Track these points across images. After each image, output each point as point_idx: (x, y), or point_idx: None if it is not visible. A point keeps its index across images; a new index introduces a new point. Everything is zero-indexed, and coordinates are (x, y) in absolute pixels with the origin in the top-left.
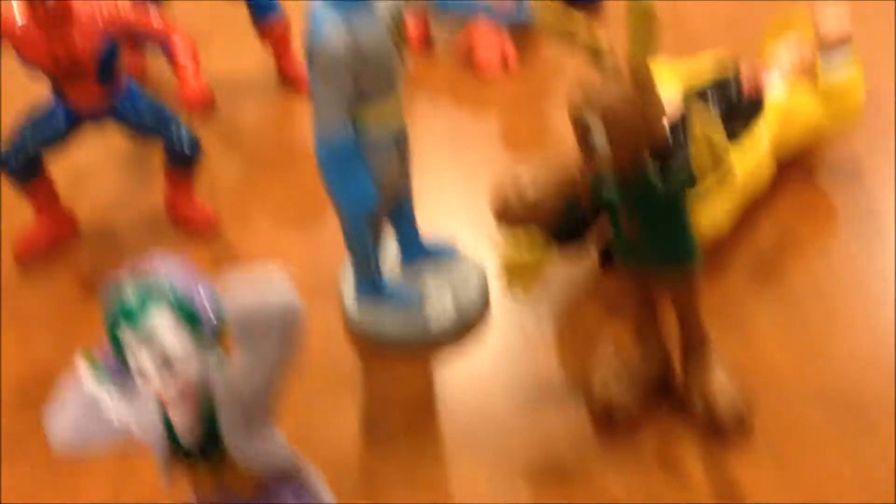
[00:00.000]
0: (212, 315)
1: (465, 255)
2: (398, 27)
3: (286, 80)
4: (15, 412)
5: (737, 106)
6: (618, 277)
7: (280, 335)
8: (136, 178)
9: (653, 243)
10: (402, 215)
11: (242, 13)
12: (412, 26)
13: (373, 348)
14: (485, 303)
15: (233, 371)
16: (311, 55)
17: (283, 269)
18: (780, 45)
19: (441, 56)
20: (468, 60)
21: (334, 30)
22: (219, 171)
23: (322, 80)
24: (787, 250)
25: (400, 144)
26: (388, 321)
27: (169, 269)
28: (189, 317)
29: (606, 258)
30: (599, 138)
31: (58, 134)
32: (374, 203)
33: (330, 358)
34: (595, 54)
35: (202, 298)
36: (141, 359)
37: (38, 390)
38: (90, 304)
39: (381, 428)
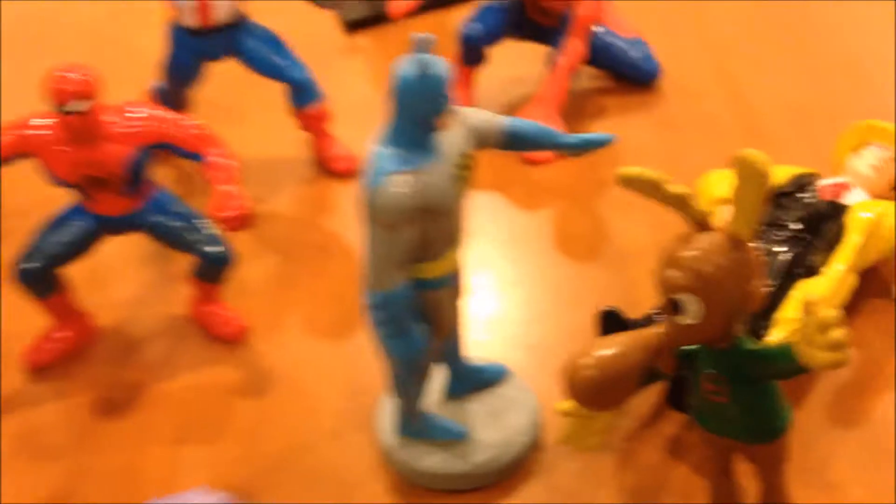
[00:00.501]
0: None
1: (517, 380)
2: (467, 172)
3: (322, 163)
4: None
5: (815, 213)
6: (680, 416)
7: None
8: (158, 276)
9: (740, 411)
10: (449, 347)
11: (276, 88)
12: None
13: (411, 488)
14: (536, 437)
15: None
16: (368, 202)
17: (316, 390)
18: (859, 158)
19: None
20: None
21: (397, 178)
22: (248, 267)
23: (380, 231)
24: (871, 380)
25: (454, 282)
26: (428, 457)
27: None
28: None
29: (673, 396)
30: (692, 305)
31: (79, 245)
32: (425, 353)
33: (364, 495)
34: (683, 206)
35: None
36: None
37: None
38: (107, 423)
39: None
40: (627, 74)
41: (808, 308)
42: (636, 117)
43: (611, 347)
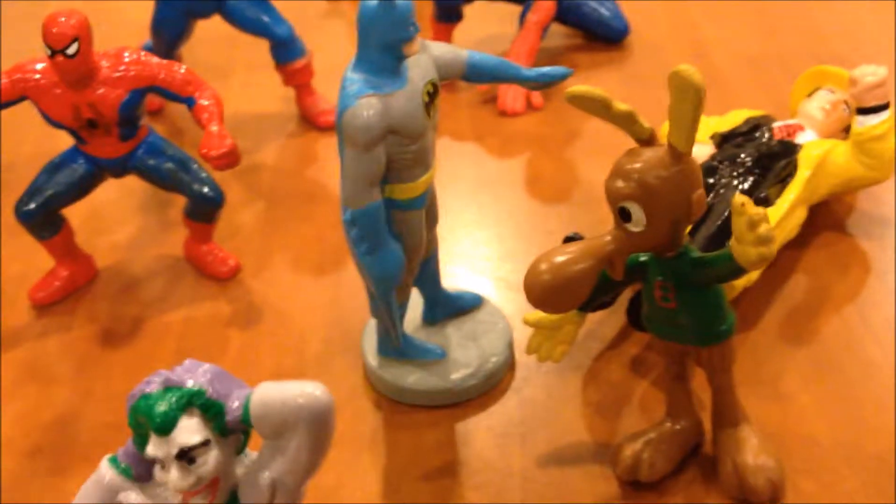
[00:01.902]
0: (238, 415)
1: (490, 306)
2: (433, 100)
3: (307, 117)
4: (28, 460)
5: (768, 151)
6: (643, 335)
7: (308, 431)
8: (155, 221)
9: (689, 316)
10: (426, 272)
11: (260, 46)
12: None
13: (394, 404)
14: (509, 357)
15: (259, 465)
16: (341, 125)
17: (303, 321)
18: (810, 101)
19: (462, 90)
20: (491, 99)
21: (367, 101)
22: (239, 212)
23: (352, 151)
24: (819, 304)
25: (428, 205)
26: (410, 377)
27: (199, 376)
28: (215, 418)
29: (633, 316)
30: (637, 213)
31: (77, 187)
32: (403, 271)
33: (351, 414)
34: (630, 123)
35: (231, 399)
36: (163, 455)
37: (57, 437)
38: (108, 351)
39: (402, 486)
40: (597, 32)
41: (737, 209)
42: (605, 72)
43: (565, 254)
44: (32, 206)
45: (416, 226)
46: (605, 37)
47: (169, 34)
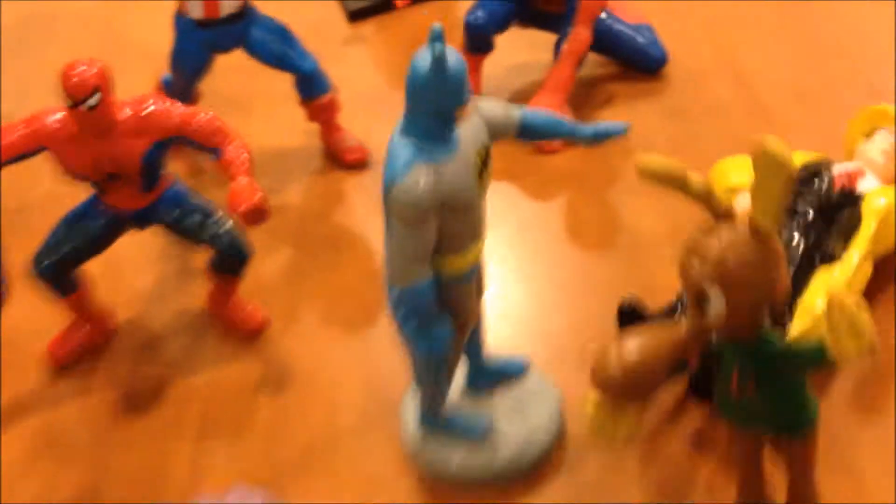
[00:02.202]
0: None
1: (537, 372)
2: (485, 166)
3: (333, 154)
4: None
5: (829, 202)
6: (705, 407)
7: None
8: (176, 270)
9: (767, 404)
10: (470, 340)
11: (282, 76)
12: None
13: (434, 483)
14: (559, 429)
15: None
16: (389, 198)
17: (336, 386)
18: (870, 144)
19: None
20: None
21: (419, 172)
22: (263, 259)
23: (402, 227)
24: (890, 368)
25: (477, 275)
26: (454, 456)
27: None
28: None
29: (696, 387)
30: (716, 299)
31: (98, 241)
32: (450, 348)
33: (389, 493)
34: (706, 200)
35: None
36: None
37: None
38: (129, 419)
39: None
40: (634, 61)
41: (831, 299)
42: (644, 105)
43: (637, 346)
44: (50, 263)
45: (465, 298)
46: (643, 66)
47: (189, 68)
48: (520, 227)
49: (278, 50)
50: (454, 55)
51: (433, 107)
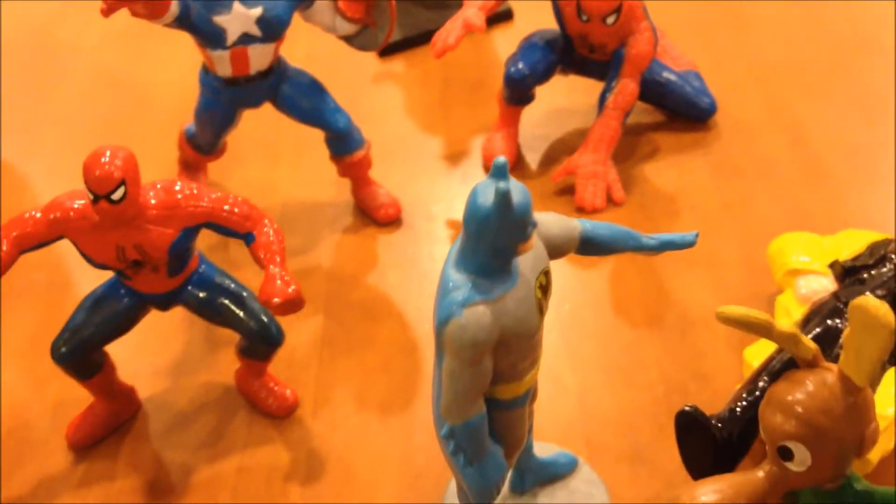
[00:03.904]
0: None
1: (586, 470)
2: (546, 293)
3: (365, 210)
4: None
5: None
6: None
7: None
8: (202, 336)
9: None
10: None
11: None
12: (502, 153)
13: None
14: None
15: None
16: (444, 334)
17: (372, 476)
18: None
19: (533, 178)
20: (567, 190)
21: (476, 311)
22: (293, 329)
23: (456, 364)
24: None
25: (531, 395)
26: None
27: None
28: None
29: None
30: (801, 454)
31: (119, 325)
32: (506, 475)
33: None
34: (793, 345)
35: None
36: None
37: None
38: None
39: None
40: (682, 110)
41: None
42: (692, 159)
43: (712, 497)
44: (70, 349)
45: (518, 422)
46: (691, 115)
47: (215, 124)
48: (562, 297)
49: (309, 106)
50: (519, 190)
51: (495, 244)
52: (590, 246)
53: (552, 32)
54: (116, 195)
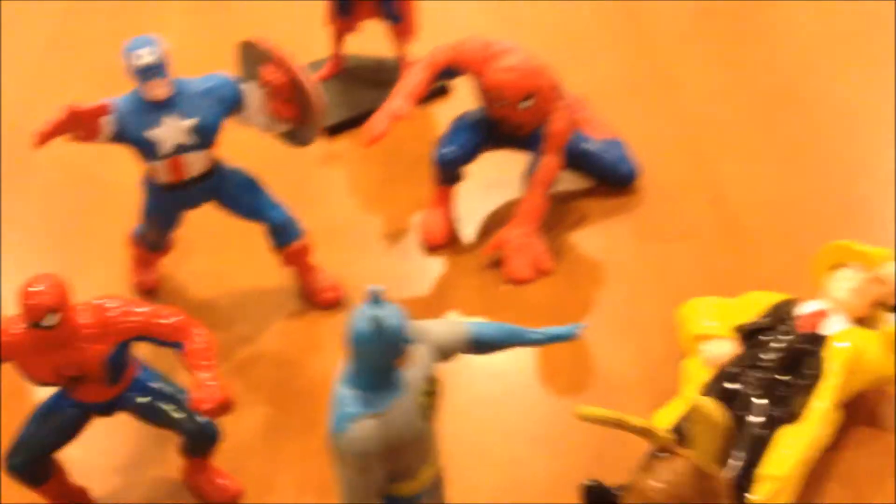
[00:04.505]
0: None
1: None
2: (433, 396)
3: (307, 296)
4: None
5: (792, 350)
6: None
7: None
8: (150, 438)
9: None
10: None
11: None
12: (437, 231)
13: None
14: None
15: None
16: (333, 447)
17: None
18: (835, 281)
19: (465, 253)
20: (498, 263)
21: (363, 425)
22: (240, 418)
23: (347, 472)
24: None
25: (433, 488)
26: None
27: None
28: None
29: None
30: None
31: (66, 433)
32: None
33: None
34: (647, 436)
35: None
36: None
37: None
38: None
39: None
40: (605, 177)
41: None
42: (617, 224)
43: None
44: (22, 460)
45: None
46: (614, 182)
47: (159, 225)
48: (492, 372)
49: (247, 203)
50: (393, 314)
51: (374, 363)
52: (481, 345)
53: (480, 112)
54: (49, 322)
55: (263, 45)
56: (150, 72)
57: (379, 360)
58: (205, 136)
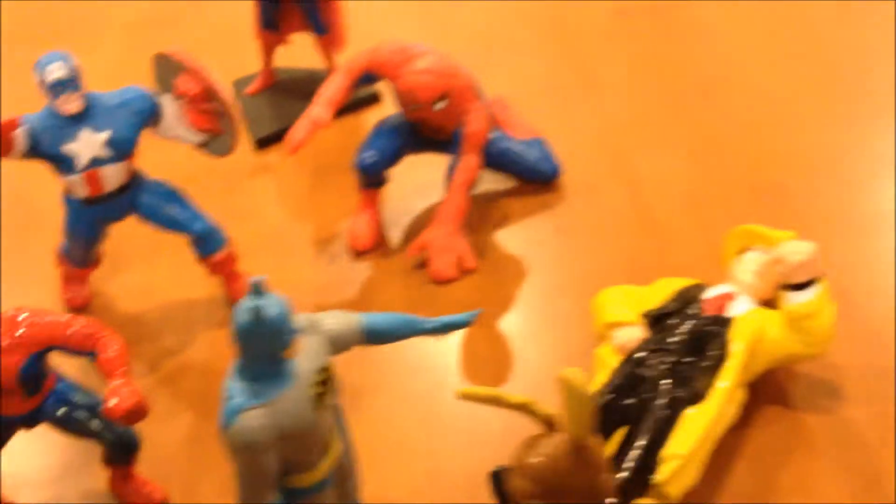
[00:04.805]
0: None
1: None
2: (327, 386)
3: (234, 304)
4: None
5: (698, 332)
6: None
7: None
8: (78, 449)
9: None
10: None
11: None
12: (364, 235)
13: None
14: None
15: None
16: (224, 439)
17: None
18: (740, 264)
19: (392, 255)
20: (424, 263)
21: (250, 416)
22: (165, 427)
23: (239, 465)
24: (763, 498)
25: (334, 477)
26: None
27: None
28: None
29: None
30: None
31: None
32: None
33: None
34: (527, 412)
35: None
36: None
37: None
38: None
39: None
40: (527, 176)
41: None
42: (538, 220)
43: None
44: None
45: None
46: (536, 180)
47: (83, 240)
48: (414, 366)
49: (168, 214)
50: (275, 304)
51: (258, 353)
52: (375, 335)
53: (399, 117)
54: None
55: (177, 56)
56: (61, 86)
57: (263, 350)
58: (121, 148)
